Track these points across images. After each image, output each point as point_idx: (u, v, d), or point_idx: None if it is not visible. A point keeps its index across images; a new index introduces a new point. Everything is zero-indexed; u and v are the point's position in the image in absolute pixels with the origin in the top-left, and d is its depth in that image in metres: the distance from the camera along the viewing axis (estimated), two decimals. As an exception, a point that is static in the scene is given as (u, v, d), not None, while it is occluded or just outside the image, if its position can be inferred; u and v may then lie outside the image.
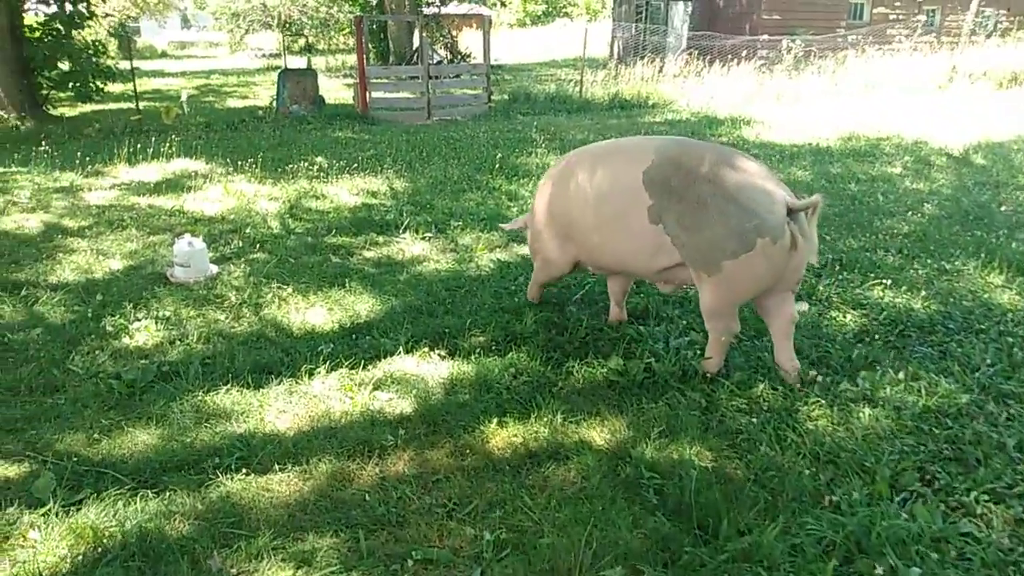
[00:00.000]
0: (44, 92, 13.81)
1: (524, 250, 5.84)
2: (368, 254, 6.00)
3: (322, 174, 8.62)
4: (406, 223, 6.62)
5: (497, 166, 9.06)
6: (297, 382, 3.83)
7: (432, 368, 3.99)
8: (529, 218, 4.49)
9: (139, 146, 9.92)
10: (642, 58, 17.89)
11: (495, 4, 36.90)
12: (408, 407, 3.61)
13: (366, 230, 6.52)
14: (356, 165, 9.12)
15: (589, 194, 3.81)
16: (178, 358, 4.08)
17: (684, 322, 4.43)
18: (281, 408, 3.60)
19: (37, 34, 13.38)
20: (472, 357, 4.05)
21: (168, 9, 38.09)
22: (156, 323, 4.52)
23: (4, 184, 8.22)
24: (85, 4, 13.69)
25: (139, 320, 4.56)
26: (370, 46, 25.37)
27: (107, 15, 32.07)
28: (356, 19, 14.06)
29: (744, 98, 14.65)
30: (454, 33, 25.28)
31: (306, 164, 9.06)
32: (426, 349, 4.16)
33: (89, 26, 15.26)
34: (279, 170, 8.90)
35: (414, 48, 23.96)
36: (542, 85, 17.45)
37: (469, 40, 27.07)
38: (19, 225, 6.65)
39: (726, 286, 3.47)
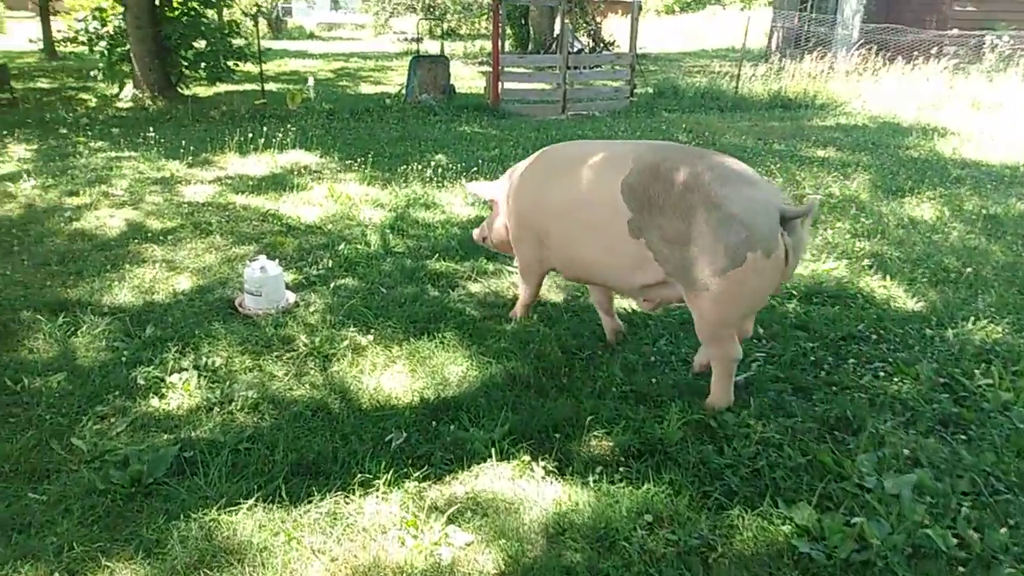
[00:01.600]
0: (179, 72, 13.66)
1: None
2: (473, 287, 4.92)
3: (438, 177, 7.63)
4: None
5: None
6: (347, 498, 2.79)
7: (533, 491, 2.84)
8: (503, 217, 4.13)
9: (255, 134, 9.33)
10: (807, 52, 15.92)
11: (642, -10, 35.18)
12: (490, 564, 2.49)
13: (475, 254, 5.45)
14: (477, 167, 8.09)
15: (564, 202, 3.55)
16: (209, 438, 3.14)
17: (906, 450, 3.06)
18: (317, 545, 2.56)
19: (175, 13, 13.19)
20: (590, 480, 2.87)
21: (317, -9, 38.74)
22: (199, 377, 3.61)
23: (108, 171, 7.76)
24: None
25: (181, 371, 3.67)
26: (508, 32, 24.48)
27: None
28: (493, 2, 13.06)
29: (932, 103, 12.53)
30: (598, 19, 23.89)
31: (423, 164, 8.11)
32: (527, 457, 3.01)
33: (228, 5, 15.09)
34: (393, 169, 8.00)
35: (555, 35, 22.83)
36: (691, 78, 15.86)
37: (613, 27, 25.63)
38: (102, 223, 6.04)
39: (717, 306, 3.13)
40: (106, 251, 5.43)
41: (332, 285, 4.91)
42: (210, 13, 13.80)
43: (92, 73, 14.29)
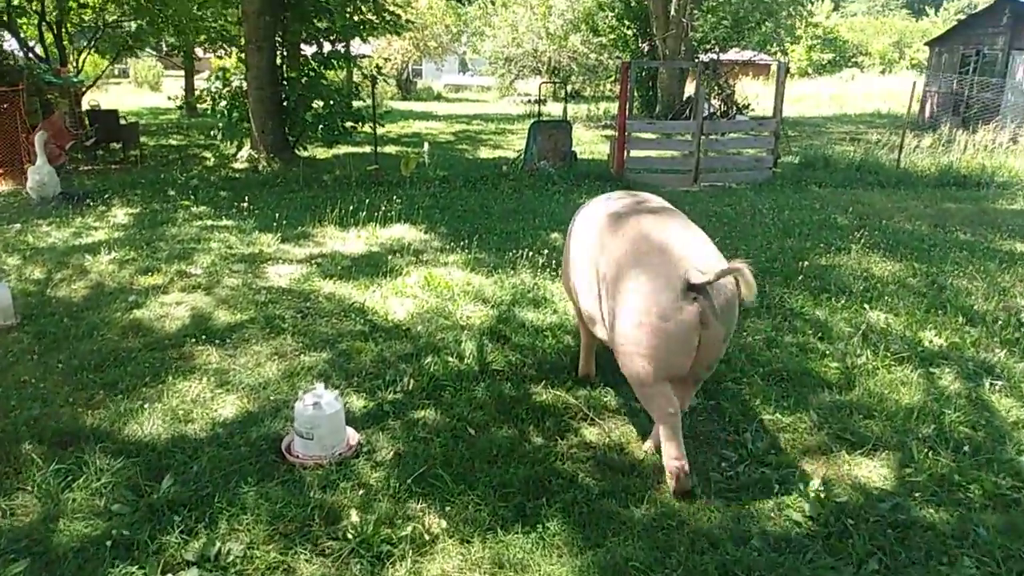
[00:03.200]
0: (297, 133, 13.37)
1: (874, 468, 3.24)
2: (589, 434, 3.72)
3: (551, 264, 6.53)
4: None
5: (791, 267, 6.40)
6: None
7: None
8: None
9: (361, 203, 8.58)
10: (971, 120, 14.00)
11: (776, 52, 33.58)
12: None
13: (595, 378, 4.27)
14: (598, 253, 6.93)
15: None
16: None
17: None
18: None
19: (294, 74, 12.95)
20: None
21: (446, 53, 39.40)
22: (200, 580, 2.58)
23: (195, 245, 7.12)
24: (344, 45, 13.11)
25: (179, 570, 2.65)
26: (636, 94, 23.52)
27: (386, 59, 33.63)
28: (623, 65, 12.07)
29: None
30: (732, 82, 22.55)
31: (536, 245, 7.04)
32: None
33: (348, 67, 14.82)
34: (502, 251, 6.97)
35: (684, 98, 21.67)
36: (840, 146, 14.24)
37: (746, 90, 24.19)
38: (165, 313, 5.27)
39: (628, 363, 3.20)
40: (156, 352, 4.60)
41: (408, 418, 3.84)
42: (330, 74, 13.47)
43: (212, 132, 14.25)
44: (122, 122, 14.94)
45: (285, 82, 12.92)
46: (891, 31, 55.48)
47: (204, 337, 4.83)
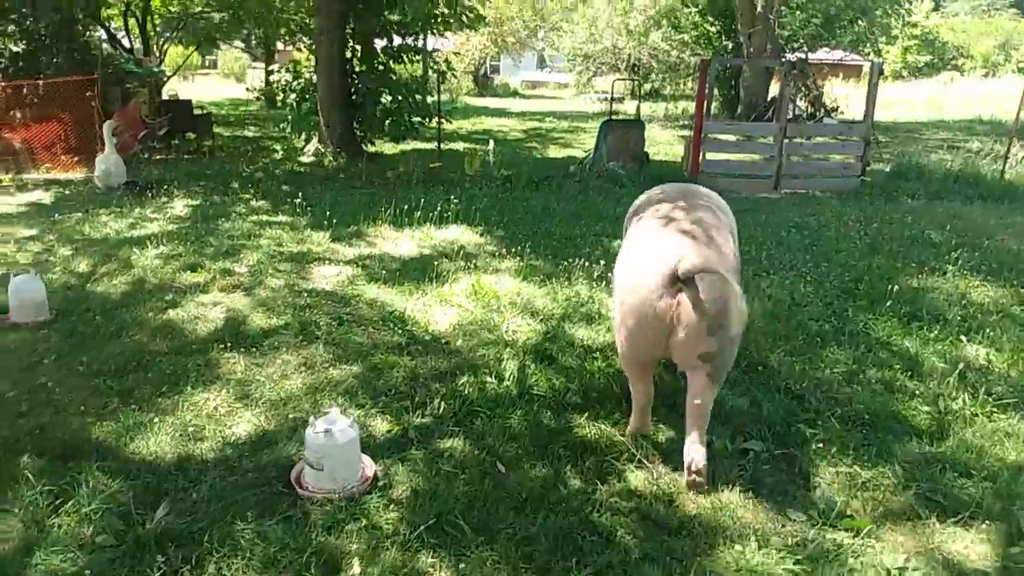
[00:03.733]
0: (365, 127, 13.23)
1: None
2: (635, 479, 3.28)
3: (611, 273, 6.06)
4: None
5: (878, 289, 5.77)
6: None
7: None
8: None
9: (420, 202, 8.29)
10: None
11: (869, 53, 31.94)
12: None
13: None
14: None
15: None
16: None
17: None
18: None
19: (363, 67, 12.79)
20: None
21: (524, 49, 39.06)
22: (169, 639, 2.26)
23: (246, 241, 6.95)
24: (413, 38, 12.89)
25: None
26: (716, 94, 22.64)
27: (457, 53, 33.47)
28: (701, 62, 11.44)
29: None
30: (820, 83, 21.43)
31: (595, 254, 6.59)
32: None
33: (435, 61, 14.60)
34: (558, 258, 6.54)
35: (768, 99, 20.73)
36: (935, 155, 13.23)
37: (835, 93, 22.99)
38: (200, 314, 5.06)
39: (615, 335, 3.43)
40: (182, 358, 4.37)
41: (433, 448, 3.47)
42: (401, 68, 13.27)
43: (281, 125, 14.27)
44: (196, 112, 15.16)
45: (355, 75, 12.79)
46: (997, 32, 52.24)
47: (234, 343, 4.58)
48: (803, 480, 3.30)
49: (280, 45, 24.48)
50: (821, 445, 3.52)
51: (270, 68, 21.36)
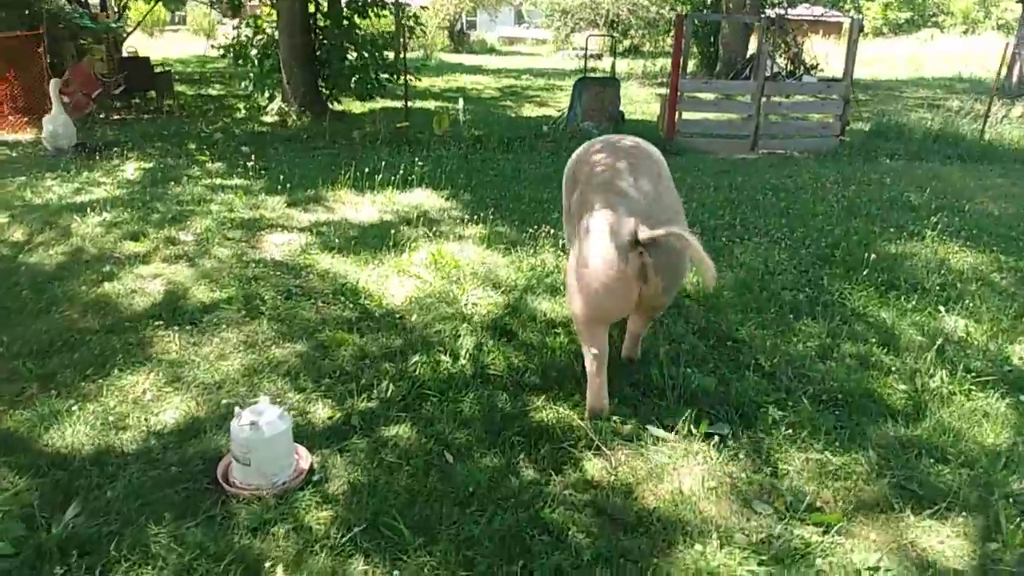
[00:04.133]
0: (330, 85, 12.74)
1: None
2: (592, 467, 3.05)
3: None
4: (676, 396, 3.56)
5: (855, 255, 5.56)
6: None
7: None
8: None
9: (385, 164, 7.95)
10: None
11: (850, 9, 31.48)
12: None
13: (612, 393, 3.58)
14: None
15: None
16: None
17: None
18: None
19: (327, 22, 12.26)
20: None
21: (500, 3, 38.14)
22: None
23: (195, 207, 6.58)
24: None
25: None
26: (694, 51, 22.20)
27: (424, 8, 32.56)
28: (677, 18, 11.04)
29: None
30: (800, 40, 21.02)
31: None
32: None
33: (383, 15, 14.02)
34: (525, 224, 6.26)
35: (747, 56, 20.35)
36: (916, 113, 13.00)
37: (816, 50, 22.63)
38: (137, 288, 4.73)
39: (569, 298, 3.43)
40: (113, 336, 4.06)
41: (377, 436, 3.22)
42: (366, 23, 12.75)
43: (243, 84, 13.72)
44: (158, 70, 14.54)
45: (318, 31, 12.27)
46: (977, -12, 51.79)
47: (171, 319, 4.28)
48: (771, 468, 3.09)
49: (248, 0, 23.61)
50: (791, 431, 3.31)
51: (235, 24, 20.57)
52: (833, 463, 3.13)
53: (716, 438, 3.25)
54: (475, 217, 6.45)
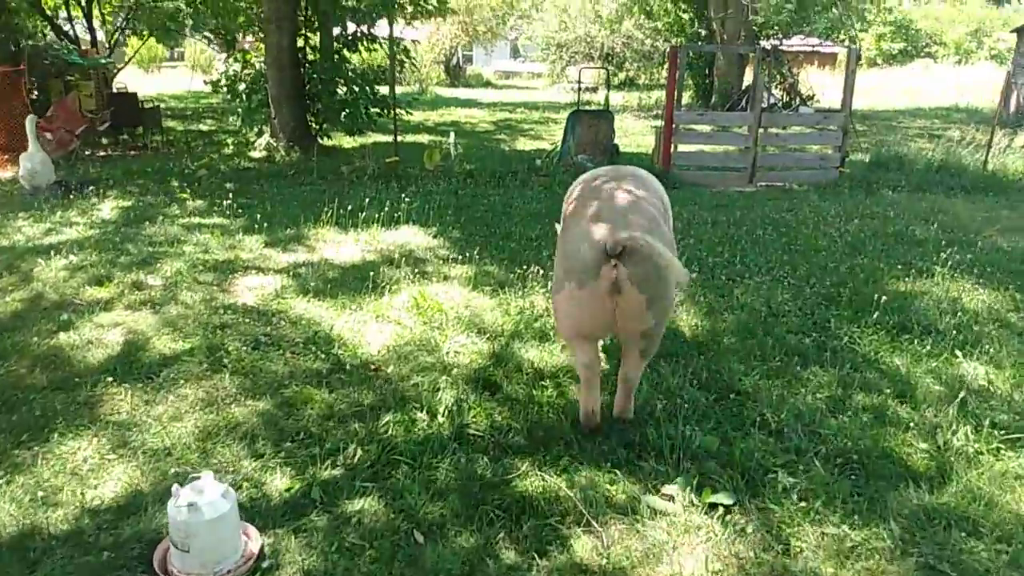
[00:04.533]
0: (320, 121, 12.52)
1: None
2: (581, 547, 2.70)
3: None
4: (673, 455, 3.22)
5: (862, 295, 5.23)
6: None
7: None
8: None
9: (371, 201, 7.67)
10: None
11: (844, 40, 31.57)
12: None
13: (598, 448, 3.23)
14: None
15: None
16: None
17: None
18: None
19: (317, 57, 12.08)
20: None
21: (495, 38, 38.29)
22: None
23: (167, 248, 6.27)
24: (369, 25, 12.20)
25: None
26: (689, 83, 22.12)
27: (416, 42, 32.64)
28: (671, 50, 10.85)
29: None
30: (795, 70, 20.93)
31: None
32: None
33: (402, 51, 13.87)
34: (514, 264, 5.95)
35: (743, 88, 20.23)
36: (915, 143, 12.78)
37: (811, 81, 22.56)
38: (94, 338, 4.40)
39: (554, 315, 3.50)
40: (61, 394, 3.73)
41: (340, 511, 2.87)
42: (356, 58, 12.57)
43: (231, 119, 13.51)
44: (147, 106, 14.35)
45: (308, 65, 12.08)
46: (969, 20, 52.21)
47: (126, 373, 3.95)
48: (782, 546, 2.73)
49: (242, 36, 23.60)
50: (805, 503, 2.96)
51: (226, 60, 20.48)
52: (852, 539, 2.78)
53: (720, 509, 2.90)
54: (462, 256, 6.15)
